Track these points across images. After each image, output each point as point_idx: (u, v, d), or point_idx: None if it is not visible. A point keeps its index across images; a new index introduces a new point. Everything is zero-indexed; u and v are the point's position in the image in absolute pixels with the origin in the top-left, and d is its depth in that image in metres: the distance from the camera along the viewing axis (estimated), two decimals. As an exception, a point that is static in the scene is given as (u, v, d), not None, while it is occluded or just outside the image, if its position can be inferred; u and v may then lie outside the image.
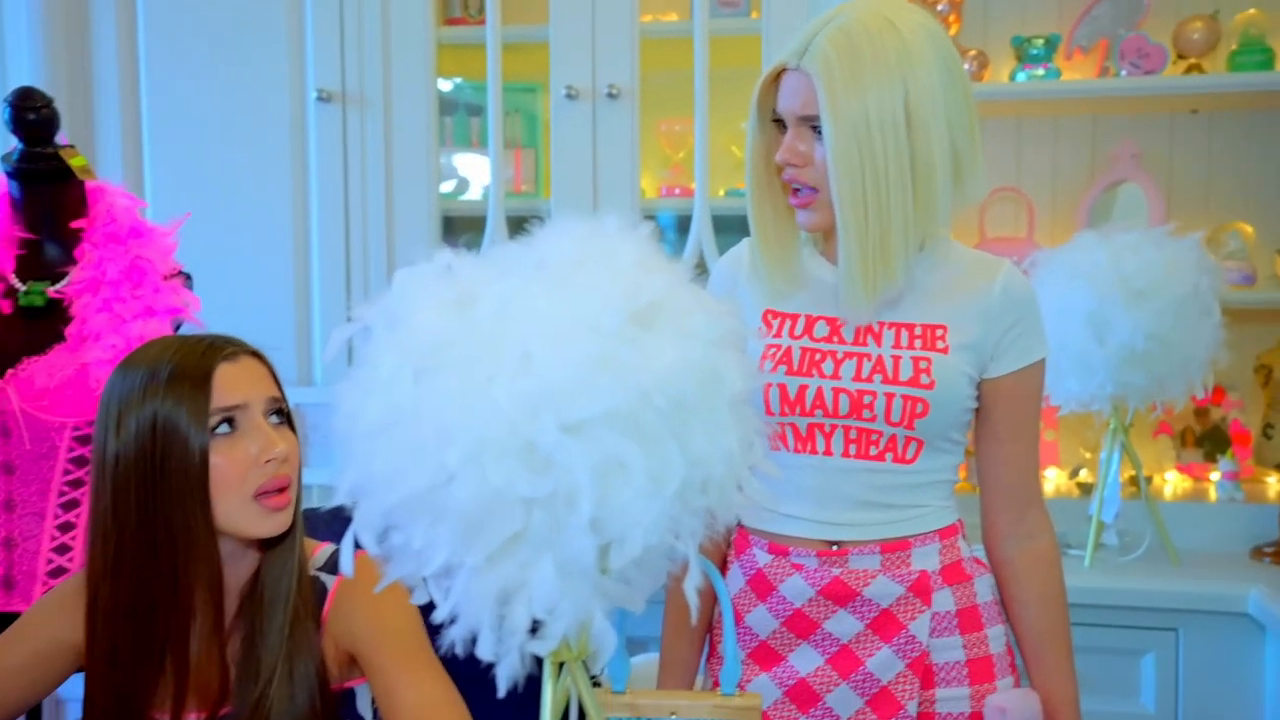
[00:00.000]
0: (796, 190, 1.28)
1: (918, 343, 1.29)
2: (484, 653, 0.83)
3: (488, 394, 0.78)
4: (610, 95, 2.33)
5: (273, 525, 1.19)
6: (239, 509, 1.17)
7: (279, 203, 2.45)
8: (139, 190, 2.47)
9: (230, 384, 1.18)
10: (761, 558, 1.34)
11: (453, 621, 0.86)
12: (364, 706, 1.31)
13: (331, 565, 1.27)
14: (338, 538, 1.44)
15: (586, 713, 0.92)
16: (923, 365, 1.28)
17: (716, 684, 1.46)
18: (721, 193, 2.48)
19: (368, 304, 0.90)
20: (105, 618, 1.20)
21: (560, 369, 0.78)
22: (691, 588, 0.84)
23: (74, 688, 1.29)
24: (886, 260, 1.24)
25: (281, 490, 1.18)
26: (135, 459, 1.16)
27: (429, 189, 2.44)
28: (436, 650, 0.87)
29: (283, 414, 1.23)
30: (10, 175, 1.70)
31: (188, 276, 1.79)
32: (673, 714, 1.01)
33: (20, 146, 1.70)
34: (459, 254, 0.90)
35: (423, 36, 2.39)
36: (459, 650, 0.86)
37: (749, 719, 1.00)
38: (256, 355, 1.23)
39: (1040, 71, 2.36)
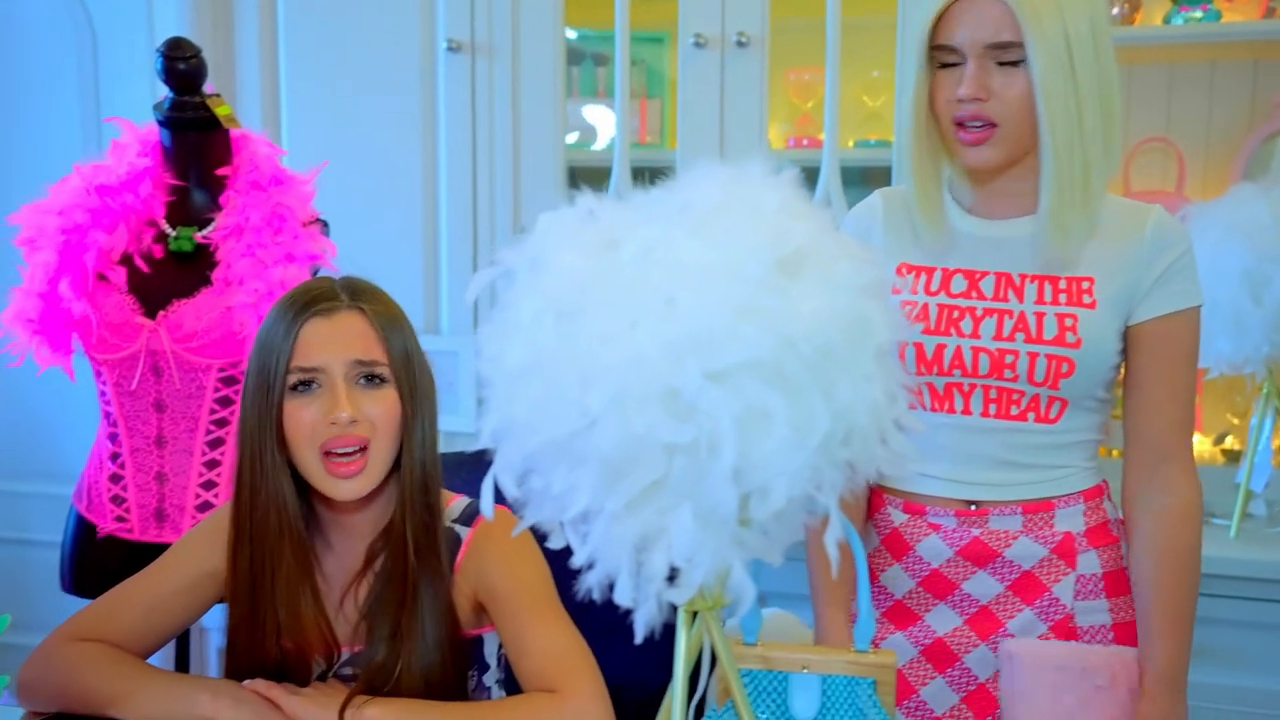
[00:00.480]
0: (972, 127, 1.22)
1: (1063, 298, 1.24)
2: (622, 599, 0.84)
3: (631, 339, 0.78)
4: (739, 43, 2.28)
5: (341, 490, 1.20)
6: (311, 468, 1.21)
7: (409, 152, 2.49)
8: (276, 139, 2.53)
9: (312, 342, 1.19)
10: (897, 517, 1.31)
11: (590, 567, 0.86)
12: (490, 653, 1.34)
13: (466, 517, 1.29)
14: (476, 482, 1.47)
15: (721, 663, 0.92)
16: (1068, 323, 1.22)
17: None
18: (851, 144, 2.42)
19: (510, 248, 0.90)
20: (237, 551, 1.25)
21: (704, 315, 0.77)
22: (832, 541, 0.82)
23: (215, 617, 1.35)
24: (1087, 196, 1.19)
25: (352, 455, 1.19)
26: (247, 402, 1.22)
27: (555, 139, 2.44)
28: (573, 595, 0.88)
29: (376, 377, 1.21)
30: (161, 124, 1.77)
31: (325, 224, 1.83)
32: (804, 668, 1.00)
33: (170, 95, 1.76)
34: (600, 199, 0.89)
35: (551, -15, 2.38)
36: (596, 596, 0.87)
37: (883, 676, 0.98)
38: (363, 310, 1.21)
39: (1198, 14, 2.22)
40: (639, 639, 0.85)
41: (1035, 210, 1.26)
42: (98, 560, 1.75)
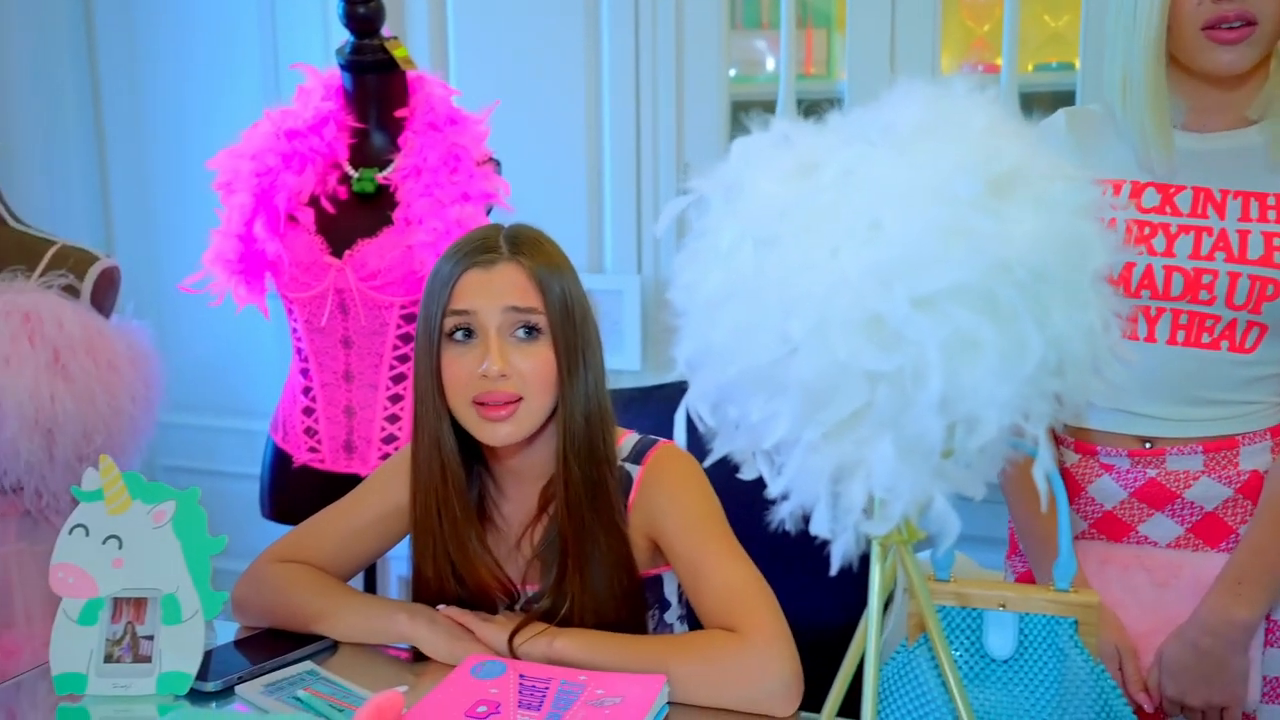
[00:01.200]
0: (1231, 27, 1.14)
1: (1271, 214, 1.15)
2: (819, 530, 0.82)
3: (833, 264, 0.75)
4: (913, -34, 2.19)
5: (492, 435, 1.21)
6: (464, 413, 1.22)
7: (572, 89, 2.50)
8: (444, 79, 2.57)
9: (469, 293, 1.20)
10: (1068, 457, 1.26)
11: (784, 498, 0.85)
12: (670, 592, 1.35)
13: (635, 455, 1.29)
14: (644, 419, 1.47)
15: (916, 599, 0.90)
16: (1277, 242, 1.14)
17: (1019, 579, 1.40)
18: (1029, 68, 2.30)
19: (703, 175, 0.89)
20: (414, 491, 1.30)
21: (910, 238, 0.74)
22: (1041, 474, 0.79)
23: (400, 547, 1.40)
24: None
25: (502, 405, 1.20)
26: (417, 347, 1.25)
27: (719, 73, 2.40)
28: (765, 526, 0.87)
29: (531, 329, 1.21)
30: (343, 67, 1.82)
31: (497, 163, 1.86)
32: (1002, 605, 0.97)
33: (351, 39, 1.80)
34: (796, 122, 0.86)
35: (715, -86, 2.33)
36: (789, 527, 0.86)
37: (1085, 616, 0.94)
38: (520, 261, 1.21)
39: None
40: (834, 571, 0.84)
41: (1245, 124, 1.19)
42: (293, 488, 1.85)
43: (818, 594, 1.30)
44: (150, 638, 1.19)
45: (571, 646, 1.18)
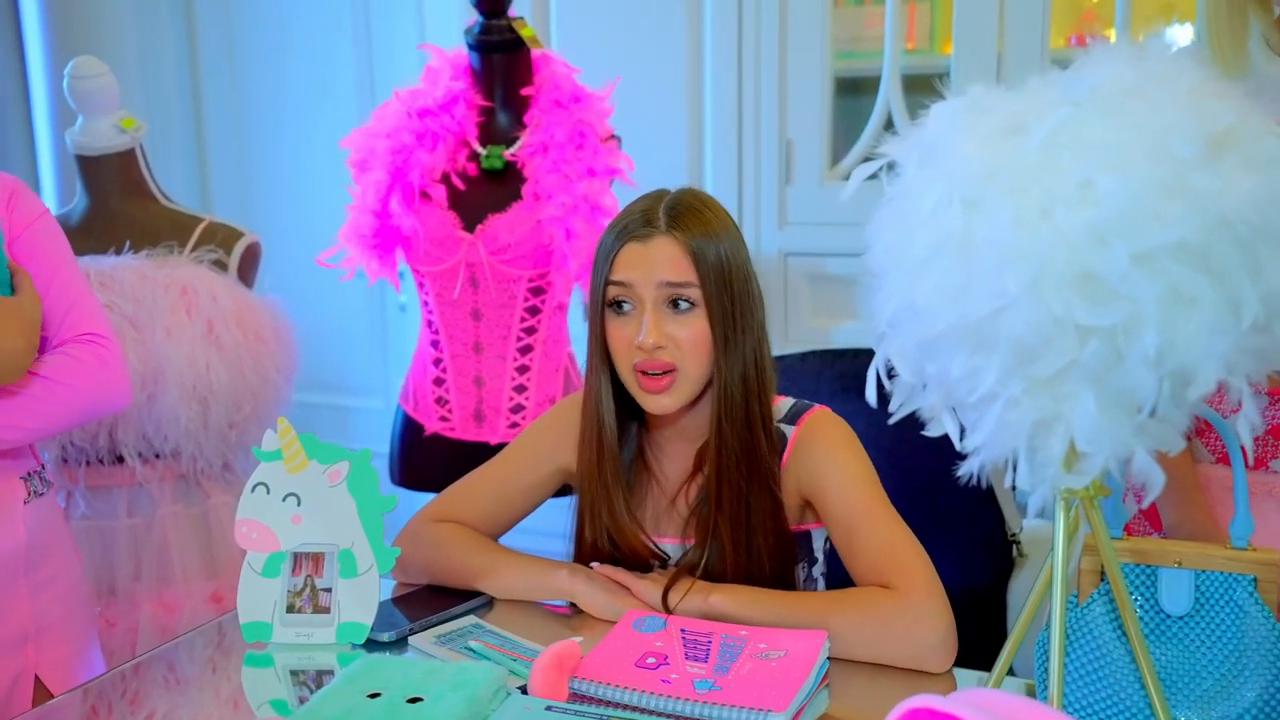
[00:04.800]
0: None
1: None
2: (1021, 482, 0.85)
3: (1046, 223, 0.78)
4: (1024, -62, 2.18)
5: (652, 404, 1.26)
6: (629, 379, 1.27)
7: (674, 65, 2.52)
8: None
9: (626, 265, 1.24)
10: None
11: (975, 451, 0.88)
12: (818, 548, 1.38)
13: (791, 416, 1.32)
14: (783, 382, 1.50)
15: (1102, 554, 0.92)
16: None
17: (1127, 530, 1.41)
18: (1141, 38, 2.27)
19: (894, 141, 0.91)
20: (582, 448, 1.34)
21: (1127, 196, 0.76)
22: (1246, 427, 0.81)
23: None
24: None
25: (659, 375, 1.23)
26: (589, 309, 1.29)
27: (822, 48, 2.41)
28: (956, 479, 0.90)
29: (685, 300, 1.23)
30: (472, 47, 1.86)
31: (618, 139, 1.90)
32: (1178, 563, 0.98)
33: (480, 19, 1.84)
34: (989, 87, 0.89)
35: (821, -110, 2.34)
36: (980, 480, 0.89)
37: (1264, 574, 0.96)
38: (676, 235, 1.22)
39: None
40: (1030, 520, 0.87)
41: None
42: (424, 456, 1.91)
43: (944, 558, 1.33)
44: (328, 590, 1.24)
45: (727, 602, 1.22)
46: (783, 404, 1.34)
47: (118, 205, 1.74)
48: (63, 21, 2.83)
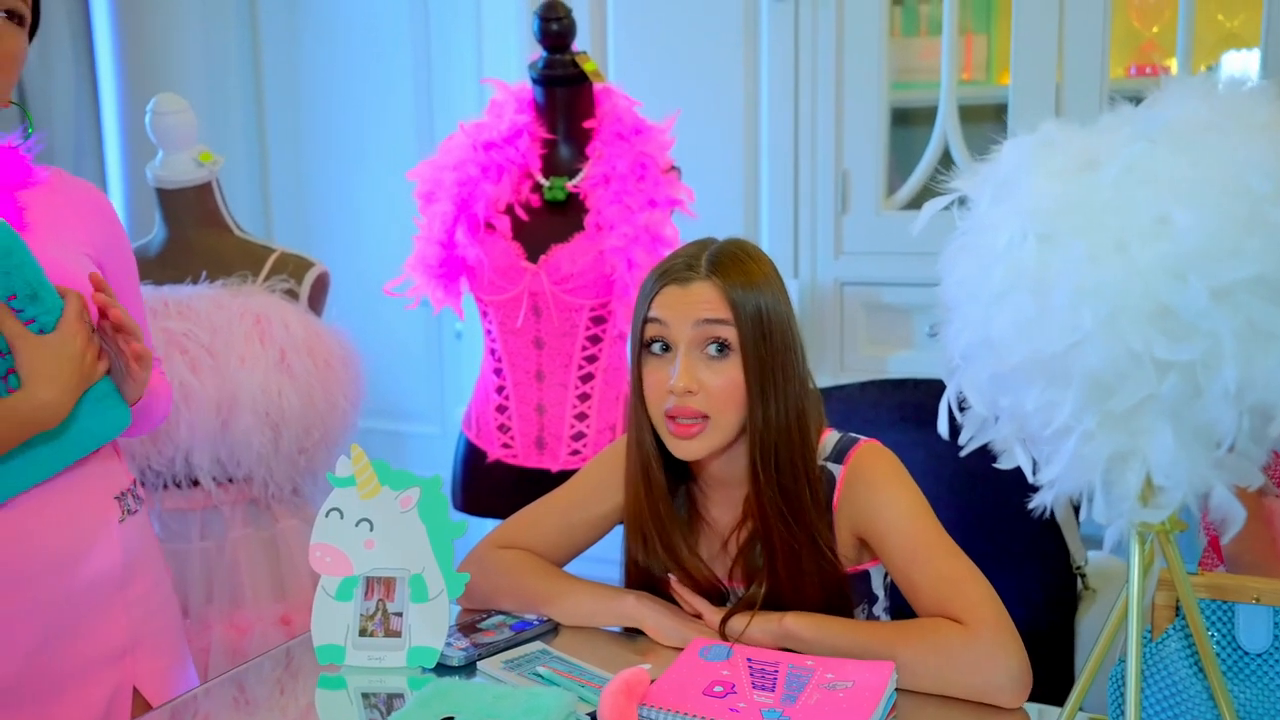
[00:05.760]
0: None
1: None
2: (1096, 516, 0.85)
3: (1123, 257, 0.78)
4: (1083, -31, 2.19)
5: (681, 450, 1.25)
6: (659, 424, 1.27)
7: (731, 98, 2.55)
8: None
9: (664, 308, 1.24)
10: None
11: (1049, 485, 0.88)
12: (878, 585, 1.37)
13: (836, 454, 1.30)
14: (832, 415, 1.49)
15: (1178, 589, 0.92)
16: None
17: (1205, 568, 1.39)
18: (1202, 68, 2.27)
19: (965, 175, 0.92)
20: (628, 489, 1.35)
21: (1204, 231, 0.77)
22: (1327, 463, 0.81)
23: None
24: None
25: (690, 421, 1.23)
26: (629, 352, 1.30)
27: (878, 80, 2.43)
28: (1019, 510, 0.90)
29: (722, 346, 1.22)
30: (535, 81, 1.90)
31: (679, 170, 1.92)
32: (1256, 599, 0.98)
33: (544, 54, 1.88)
34: (1061, 123, 0.90)
35: (878, -76, 2.36)
36: (1053, 512, 0.89)
37: (1345, 610, 0.95)
38: (716, 280, 1.22)
39: None
40: (1106, 552, 0.87)
41: None
42: (486, 482, 1.94)
43: (1007, 590, 1.32)
44: (399, 614, 1.27)
45: (802, 626, 1.22)
46: (828, 439, 1.33)
47: (194, 236, 1.80)
48: (135, 60, 2.93)
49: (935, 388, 1.36)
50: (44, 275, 1.13)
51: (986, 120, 2.47)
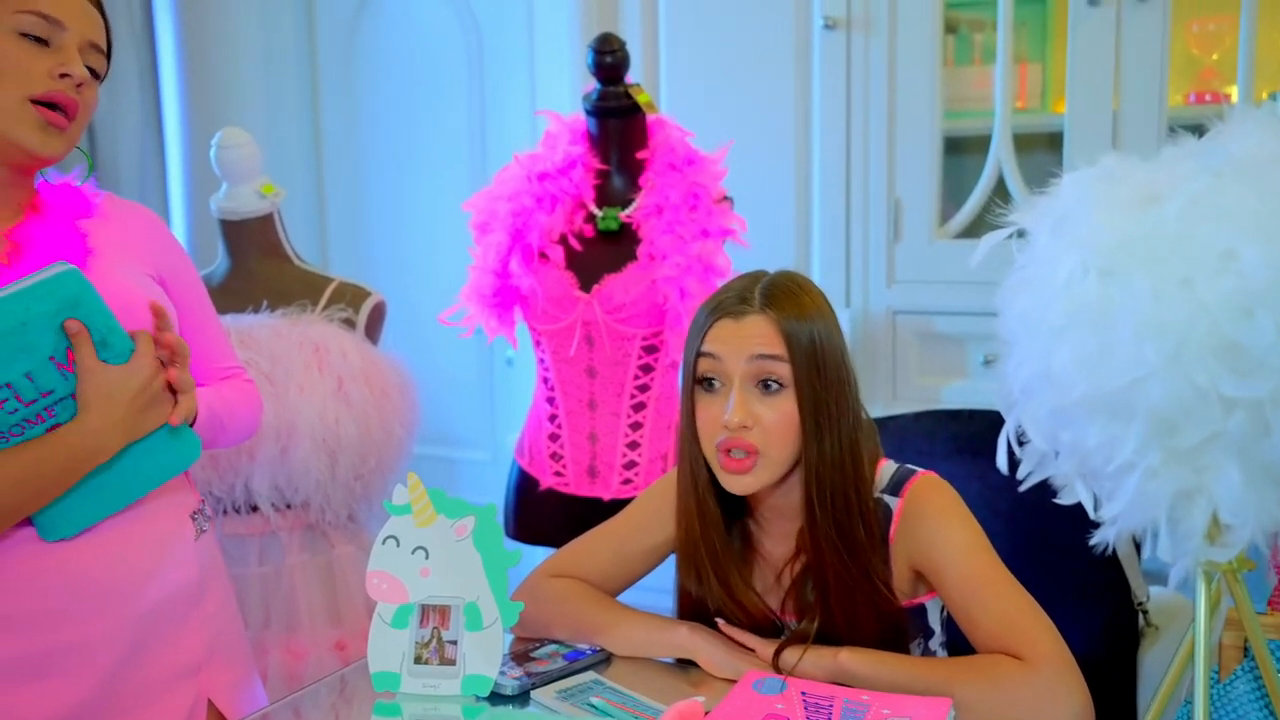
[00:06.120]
0: None
1: None
2: (1161, 554, 0.84)
3: (1188, 292, 0.78)
4: (1139, -3, 2.17)
5: (733, 484, 1.25)
6: (711, 458, 1.26)
7: (782, 128, 2.55)
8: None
9: (717, 343, 1.24)
10: None
11: (1111, 521, 0.87)
12: (934, 619, 1.35)
13: (893, 486, 1.29)
14: (919, 448, 1.48)
15: (1246, 629, 0.90)
16: None
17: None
18: (1264, 96, 2.23)
19: (1023, 209, 0.92)
20: (679, 523, 1.35)
21: (1272, 267, 0.76)
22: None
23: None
24: None
25: (742, 455, 1.23)
26: (680, 386, 1.30)
27: (931, 109, 2.42)
28: (1092, 550, 0.89)
29: (774, 381, 1.22)
30: (589, 113, 1.92)
31: (730, 200, 1.93)
32: (1328, 639, 0.96)
33: (598, 86, 1.91)
34: (1121, 157, 0.89)
35: (930, -46, 2.36)
36: (1116, 549, 0.88)
37: None
38: (769, 314, 1.22)
39: None
40: (1171, 587, 0.86)
41: None
42: (538, 510, 1.95)
43: (1065, 625, 1.30)
44: (454, 642, 1.28)
45: (857, 661, 1.21)
46: (884, 471, 1.31)
47: (256, 266, 1.84)
48: (198, 96, 3.00)
49: (991, 418, 1.35)
50: (114, 320, 1.16)
51: (1041, 149, 2.45)
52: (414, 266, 3.09)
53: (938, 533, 1.25)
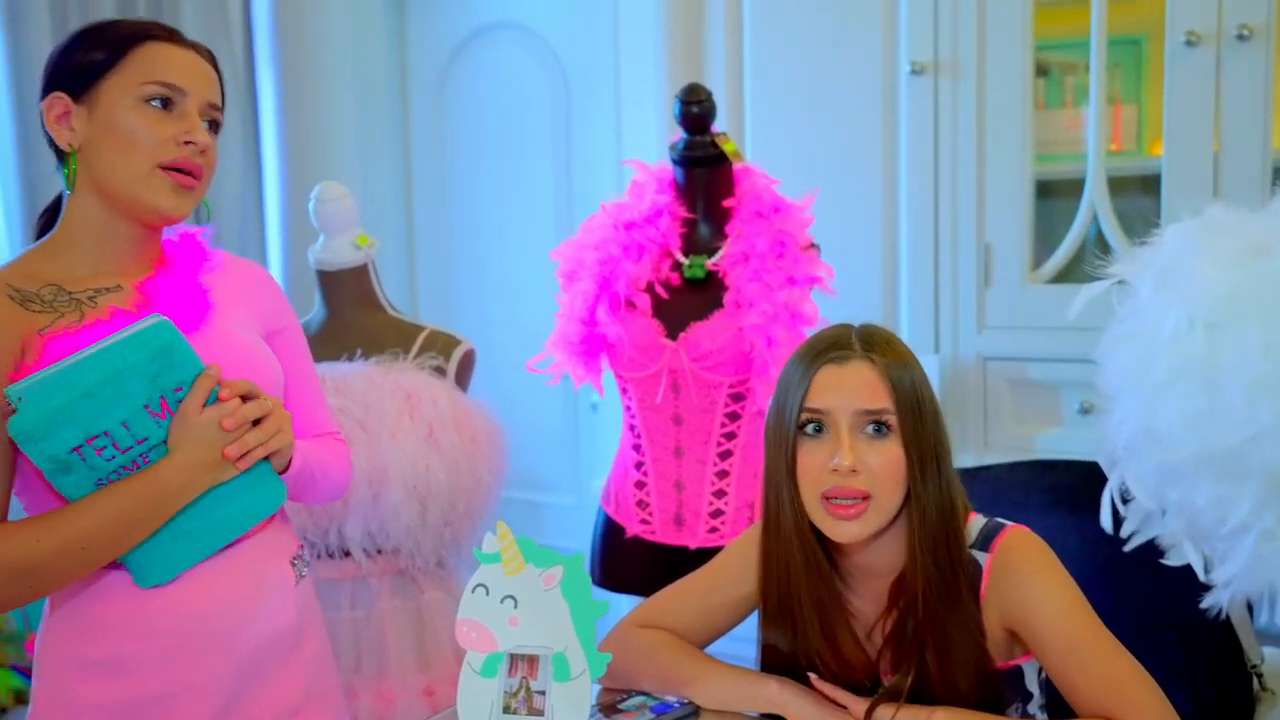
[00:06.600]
0: None
1: None
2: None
3: (1302, 348, 0.75)
4: (1239, 37, 2.11)
5: (840, 532, 1.23)
6: (813, 507, 1.24)
7: (868, 173, 2.54)
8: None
9: (824, 388, 1.23)
10: None
11: (1225, 584, 0.84)
12: (1032, 682, 1.30)
13: (981, 541, 1.26)
14: (1013, 499, 1.45)
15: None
16: None
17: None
18: (1375, 135, 2.15)
19: (1124, 260, 0.90)
20: (766, 578, 1.33)
21: (1393, 322, 0.73)
22: None
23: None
24: None
25: (852, 502, 1.21)
26: (768, 438, 1.29)
27: (1021, 155, 2.38)
28: (1204, 612, 0.86)
29: (881, 425, 1.21)
30: (676, 162, 1.94)
31: (817, 247, 1.92)
32: None
33: (685, 136, 1.93)
34: (1228, 208, 0.87)
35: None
36: (1230, 612, 0.84)
37: None
38: (873, 360, 1.22)
39: None
40: (1274, 650, 0.82)
41: None
42: (624, 557, 1.95)
43: (1173, 689, 1.25)
44: (543, 692, 1.28)
45: None
46: (973, 525, 1.28)
47: (351, 315, 1.89)
48: (297, 150, 3.11)
49: (1088, 469, 1.31)
50: (202, 366, 1.20)
51: (1136, 191, 2.39)
52: (501, 314, 3.14)
53: (1032, 591, 1.22)
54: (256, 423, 1.21)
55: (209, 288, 1.29)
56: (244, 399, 1.20)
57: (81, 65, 1.23)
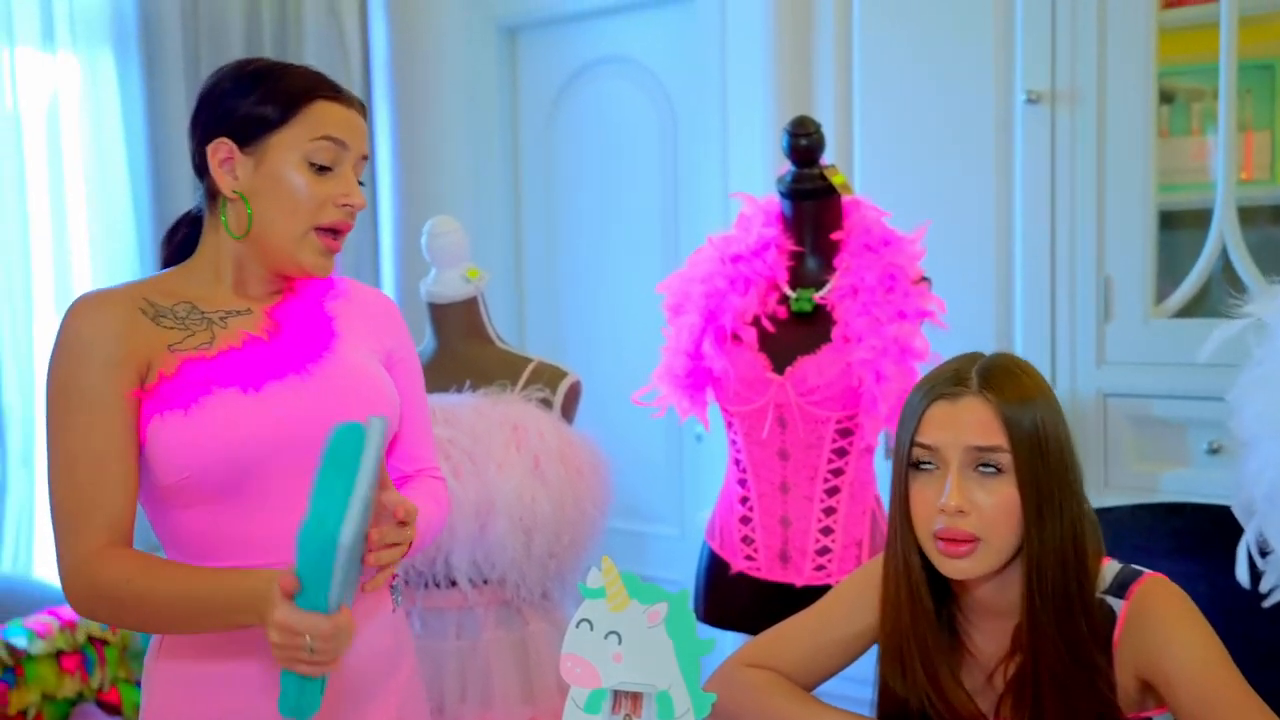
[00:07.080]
0: None
1: None
2: None
3: None
4: (1382, 58, 2.01)
5: (950, 568, 1.19)
6: (926, 543, 1.21)
7: (982, 204, 2.48)
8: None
9: (933, 426, 1.20)
10: None
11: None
12: (1167, 739, 1.25)
13: (1117, 587, 1.21)
14: (1135, 543, 1.39)
15: None
16: None
17: None
18: None
19: (1260, 299, 0.86)
20: (884, 614, 1.30)
21: None
22: None
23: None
24: None
25: (959, 542, 1.17)
26: (894, 469, 1.26)
27: (1143, 185, 2.30)
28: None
29: (992, 465, 1.17)
30: (784, 195, 1.93)
31: (928, 280, 1.88)
32: None
33: (793, 169, 1.91)
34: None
35: (1142, 24, 2.27)
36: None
37: None
38: (988, 397, 1.18)
39: None
40: None
41: None
42: (729, 594, 1.93)
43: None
44: (645, 731, 1.26)
45: None
46: (1107, 570, 1.23)
47: (460, 347, 1.92)
48: (410, 184, 3.20)
49: (1217, 514, 1.25)
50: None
51: (1267, 222, 2.29)
52: (607, 346, 3.16)
53: (1171, 641, 1.17)
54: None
55: (334, 315, 1.33)
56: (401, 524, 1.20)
57: (251, 117, 1.24)
